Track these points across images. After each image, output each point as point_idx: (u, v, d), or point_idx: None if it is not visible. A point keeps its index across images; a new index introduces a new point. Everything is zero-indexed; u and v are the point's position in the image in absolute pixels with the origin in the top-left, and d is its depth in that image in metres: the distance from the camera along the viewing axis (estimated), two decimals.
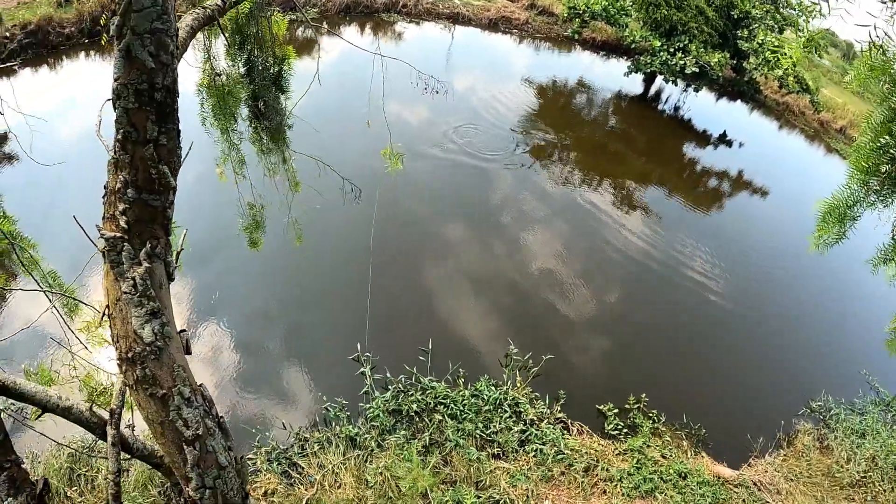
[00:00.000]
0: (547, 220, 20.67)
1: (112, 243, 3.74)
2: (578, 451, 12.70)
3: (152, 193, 3.71)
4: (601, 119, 31.78)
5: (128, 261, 3.78)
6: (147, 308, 3.88)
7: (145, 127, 3.50)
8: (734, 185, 27.84)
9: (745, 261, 21.60)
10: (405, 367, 13.61)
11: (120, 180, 3.62)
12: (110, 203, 3.75)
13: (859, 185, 5.73)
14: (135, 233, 3.78)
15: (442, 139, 23.60)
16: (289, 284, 15.71)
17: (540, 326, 16.15)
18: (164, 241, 3.97)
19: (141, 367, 3.98)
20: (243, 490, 4.90)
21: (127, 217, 3.70)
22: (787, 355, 17.59)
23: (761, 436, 14.31)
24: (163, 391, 4.08)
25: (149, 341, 3.92)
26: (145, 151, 3.55)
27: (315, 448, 11.60)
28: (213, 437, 4.47)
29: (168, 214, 3.93)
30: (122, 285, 3.81)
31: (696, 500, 12.33)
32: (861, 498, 13.30)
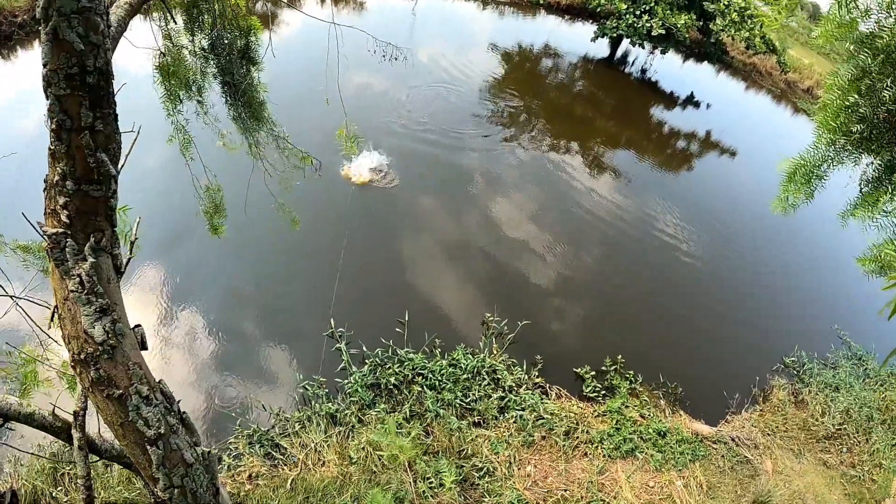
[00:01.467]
0: (517, 186, 20.63)
1: (55, 240, 3.53)
2: (558, 414, 12.82)
3: (92, 183, 3.49)
4: (568, 83, 31.69)
5: (72, 257, 3.58)
6: (96, 305, 3.68)
7: (79, 114, 3.28)
8: (702, 147, 28.03)
9: (715, 221, 21.81)
10: (381, 341, 13.55)
11: (58, 172, 3.42)
12: (50, 197, 3.53)
13: (827, 144, 5.74)
14: (77, 227, 3.57)
15: (399, 112, 23.26)
16: (259, 263, 15.51)
17: (514, 293, 16.19)
18: (109, 232, 3.74)
19: (95, 367, 3.79)
20: (214, 485, 4.71)
21: (68, 210, 3.50)
22: (759, 313, 17.89)
23: (737, 392, 14.61)
24: (119, 391, 3.89)
25: (100, 340, 3.72)
26: (81, 139, 3.34)
27: (296, 428, 11.57)
28: (177, 435, 4.29)
29: (111, 204, 3.69)
30: (69, 283, 3.61)
31: (675, 457, 12.56)
32: (837, 450, 13.66)
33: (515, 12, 38.55)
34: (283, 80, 19.33)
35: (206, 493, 4.59)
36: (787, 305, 18.59)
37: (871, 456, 13.44)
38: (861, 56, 5.06)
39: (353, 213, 17.02)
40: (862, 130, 5.31)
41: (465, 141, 22.35)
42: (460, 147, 21.89)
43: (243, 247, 15.65)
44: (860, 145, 5.47)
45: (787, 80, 39.24)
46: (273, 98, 9.21)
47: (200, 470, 4.50)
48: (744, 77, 38.93)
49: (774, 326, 17.40)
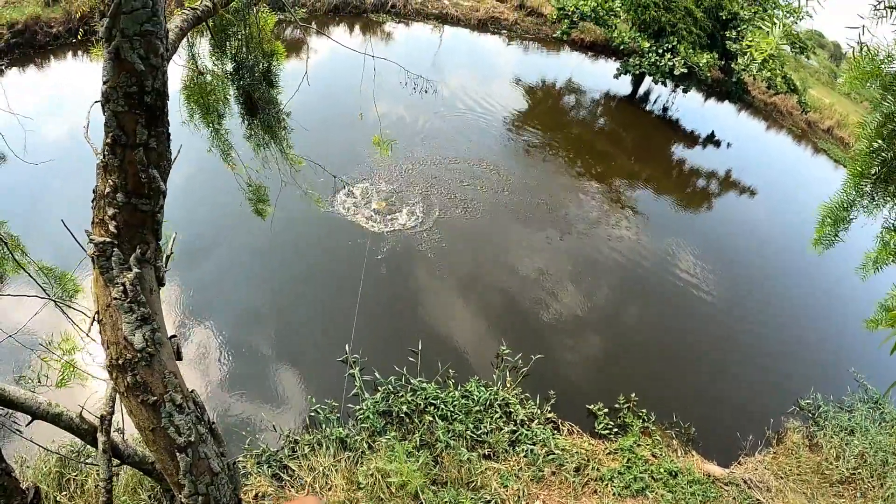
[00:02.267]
0: (535, 220, 20.65)
1: (101, 248, 3.65)
2: (569, 450, 12.71)
3: (142, 198, 3.64)
4: (590, 120, 31.88)
5: (117, 266, 3.70)
6: (137, 314, 3.80)
7: (135, 130, 3.43)
8: (722, 185, 28.00)
9: (733, 260, 21.72)
10: (395, 368, 13.56)
11: (109, 184, 3.55)
12: (99, 207, 3.67)
13: (854, 188, 5.80)
14: (124, 237, 3.70)
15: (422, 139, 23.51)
16: (277, 285, 15.61)
17: (528, 327, 16.16)
18: (153, 245, 3.90)
19: (132, 373, 3.90)
20: (236, 496, 4.79)
21: (116, 221, 3.63)
22: (775, 354, 17.70)
23: (751, 434, 14.40)
24: (154, 398, 4.00)
25: (139, 347, 3.84)
26: (135, 155, 3.48)
27: (305, 450, 11.55)
28: (206, 444, 4.38)
29: (158, 219, 3.86)
30: (112, 291, 3.73)
31: (686, 498, 12.38)
32: (850, 494, 13.40)
33: (540, 48, 38.92)
34: (311, 104, 19.61)
35: (229, 503, 4.67)
36: (804, 347, 18.41)
37: (885, 501, 13.16)
38: (885, 103, 5.10)
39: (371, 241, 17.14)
40: (880, 172, 5.36)
41: (483, 169, 22.47)
42: (477, 176, 22.01)
43: (262, 268, 15.79)
44: (878, 187, 5.52)
45: (807, 120, 39.24)
46: (302, 121, 9.37)
47: (225, 480, 4.62)
48: (764, 116, 38.95)
49: (791, 368, 17.21)
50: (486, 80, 31.93)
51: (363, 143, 21.30)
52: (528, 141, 26.22)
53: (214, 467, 4.41)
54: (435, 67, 29.29)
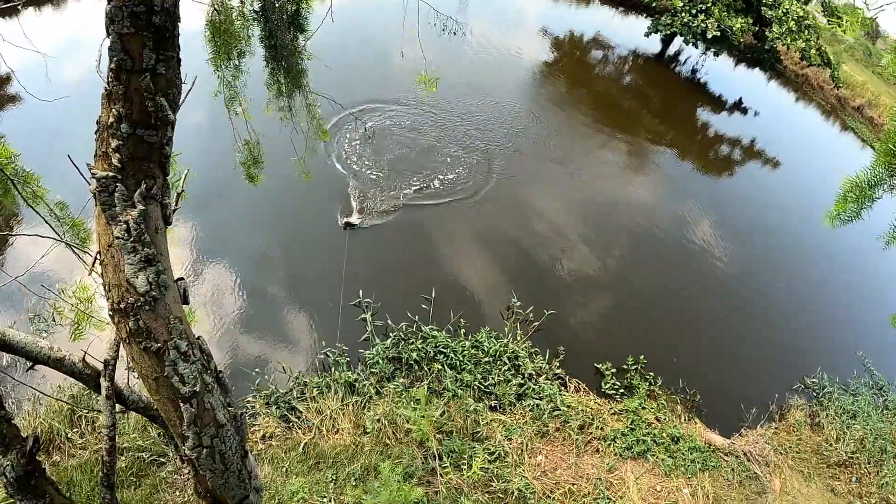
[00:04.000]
0: (556, 174, 20.43)
1: (104, 184, 3.34)
2: (574, 408, 12.78)
3: (148, 128, 3.30)
4: (616, 76, 31.26)
5: (121, 203, 3.39)
6: (141, 255, 3.50)
7: (141, 55, 3.08)
8: (746, 154, 27.51)
9: (750, 231, 21.45)
10: (407, 315, 13.58)
11: (113, 114, 3.22)
12: (102, 139, 3.33)
13: (884, 167, 5.63)
14: (129, 172, 3.38)
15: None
16: (292, 227, 15.58)
17: (542, 282, 16.10)
18: (161, 181, 3.57)
19: (134, 318, 3.62)
20: (242, 448, 4.59)
21: (120, 154, 3.30)
22: (786, 329, 17.59)
23: (755, 407, 14.40)
24: (157, 345, 3.73)
25: (143, 291, 3.55)
26: (141, 81, 3.14)
27: (314, 393, 11.66)
28: (212, 394, 4.15)
29: (166, 152, 3.52)
30: (115, 230, 3.42)
31: (686, 464, 12.47)
32: (846, 478, 13.45)
33: (569, 0, 38.00)
34: (335, 43, 19.25)
35: (234, 456, 4.49)
36: (814, 325, 18.29)
37: (879, 489, 13.22)
38: None
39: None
40: None
41: (508, 116, 22.16)
42: (502, 123, 21.71)
43: (276, 212, 15.76)
44: None
45: (838, 96, 38.37)
46: (326, 61, 9.14)
47: (231, 432, 4.36)
48: (795, 88, 38.12)
49: (800, 345, 17.11)
50: (512, 28, 31.25)
51: (388, 81, 21.09)
52: (552, 93, 25.79)
53: (220, 418, 4.22)
54: (461, 13, 28.61)
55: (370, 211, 15.91)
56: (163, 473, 9.89)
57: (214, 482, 4.54)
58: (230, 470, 4.51)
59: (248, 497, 4.93)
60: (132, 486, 9.64)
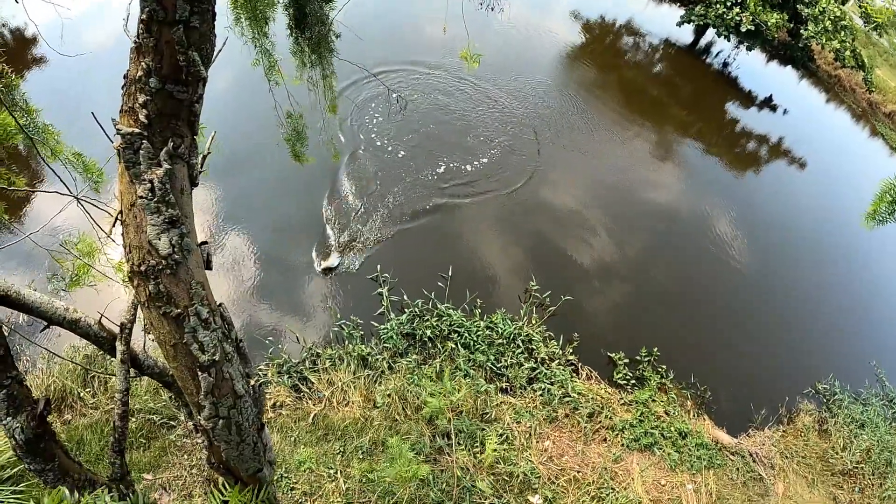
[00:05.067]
0: (579, 160, 20.23)
1: (129, 140, 3.19)
2: (585, 395, 12.76)
3: (178, 84, 3.13)
4: (646, 64, 30.81)
5: (146, 161, 3.23)
6: (165, 216, 3.36)
7: (175, 5, 2.91)
8: (772, 152, 27.07)
9: (771, 231, 21.15)
10: (423, 292, 13.57)
11: (142, 67, 3.05)
12: (129, 94, 3.18)
13: None
14: (156, 129, 3.23)
15: None
16: (312, 200, 15.55)
17: (559, 268, 16.02)
18: (188, 140, 3.42)
19: (154, 282, 3.49)
20: (259, 420, 4.54)
21: (147, 110, 3.14)
22: (801, 332, 17.47)
23: (764, 408, 14.35)
24: (178, 310, 3.60)
25: (165, 254, 3.42)
26: (173, 34, 2.97)
27: (326, 364, 11.72)
28: (231, 363, 4.05)
29: (195, 110, 3.37)
30: (138, 189, 3.28)
31: (691, 460, 12.44)
32: (849, 487, 13.36)
33: None
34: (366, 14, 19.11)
35: (251, 428, 4.46)
36: (830, 331, 18.05)
37: (881, 501, 13.11)
38: None
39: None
40: None
41: (534, 103, 21.94)
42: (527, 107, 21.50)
43: (297, 181, 15.64)
44: None
45: (869, 100, 37.58)
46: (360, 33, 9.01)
47: (249, 403, 4.33)
48: (826, 88, 37.33)
49: (813, 350, 16.96)
50: (544, 8, 30.84)
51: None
52: (580, 77, 25.47)
53: (238, 389, 4.14)
54: None
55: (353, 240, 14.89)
56: (172, 436, 9.96)
57: (229, 454, 4.50)
58: (245, 442, 4.46)
59: (262, 470, 4.88)
60: (141, 447, 9.72)
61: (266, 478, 4.94)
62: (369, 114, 18.12)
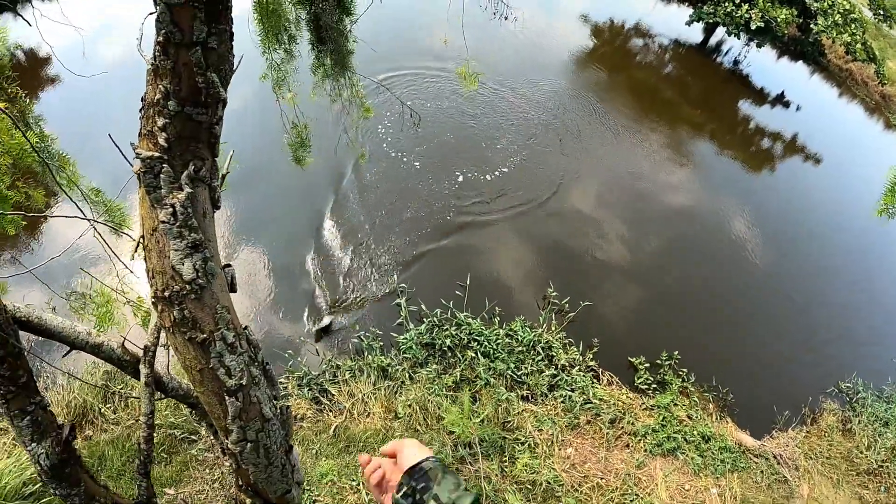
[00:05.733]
0: (589, 163, 20.15)
1: (149, 164, 3.11)
2: (606, 401, 12.67)
3: (198, 106, 3.05)
4: (657, 65, 30.72)
5: (167, 185, 3.16)
6: (188, 240, 3.29)
7: (192, 27, 2.82)
8: (786, 149, 26.87)
9: (791, 228, 20.94)
10: (441, 301, 13.55)
11: (160, 90, 2.96)
12: (148, 117, 3.08)
13: None
14: (176, 152, 3.14)
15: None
16: (328, 211, 15.57)
17: (577, 272, 15.93)
18: (209, 162, 3.33)
19: (179, 307, 3.42)
20: (287, 442, 4.49)
21: (167, 133, 3.06)
22: (823, 331, 17.21)
23: (787, 409, 14.14)
24: (203, 335, 3.54)
25: (189, 279, 3.35)
26: (191, 56, 2.89)
27: (346, 376, 11.71)
28: (258, 387, 3.99)
29: (215, 131, 3.28)
30: (160, 213, 3.21)
31: (715, 464, 12.31)
32: (875, 487, 13.15)
33: None
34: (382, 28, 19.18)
35: (279, 451, 4.39)
36: (852, 330, 17.78)
37: None
38: None
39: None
40: None
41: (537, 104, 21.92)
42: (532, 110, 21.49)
43: (314, 194, 15.74)
44: None
45: (882, 93, 37.18)
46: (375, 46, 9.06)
47: (277, 426, 4.23)
48: (838, 83, 36.97)
49: (836, 348, 16.70)
50: (552, 13, 30.84)
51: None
52: (589, 79, 25.41)
53: (266, 413, 4.07)
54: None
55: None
56: (193, 451, 9.97)
57: (257, 476, 4.42)
58: (273, 465, 4.40)
59: (291, 491, 4.85)
60: (163, 462, 9.74)
61: (294, 499, 4.90)
62: (383, 124, 18.11)
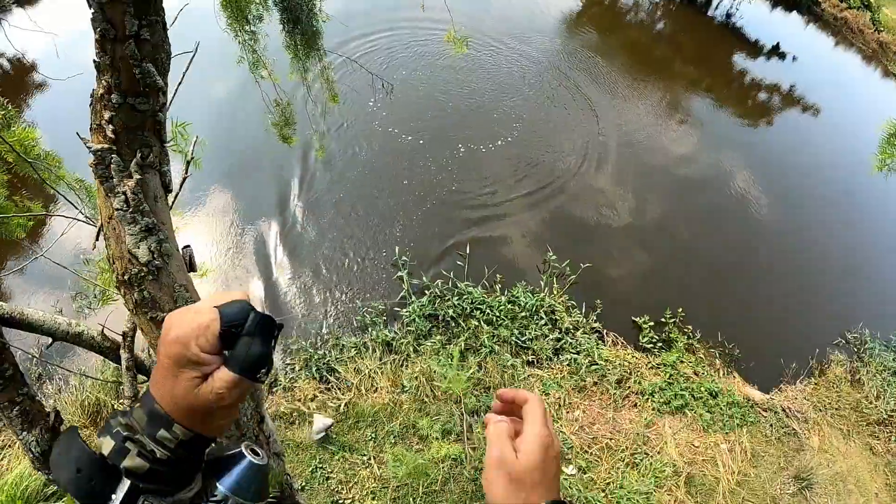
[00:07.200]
0: (587, 124, 19.95)
1: (100, 156, 3.26)
2: (612, 362, 12.67)
3: (139, 96, 3.17)
4: (648, 23, 30.40)
5: (117, 174, 3.32)
6: (141, 224, 3.44)
7: (123, 22, 2.93)
8: (784, 101, 26.63)
9: (791, 181, 20.82)
10: (442, 272, 13.54)
11: (103, 85, 3.12)
12: (96, 112, 3.24)
13: None
14: (124, 143, 3.29)
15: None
16: (326, 188, 15.52)
17: (578, 234, 15.87)
18: (157, 148, 3.46)
19: (139, 289, 3.59)
20: (259, 413, 4.61)
21: (114, 125, 3.21)
22: (827, 282, 17.21)
23: (794, 361, 14.14)
24: (163, 314, 3.60)
25: (145, 261, 3.51)
26: (125, 49, 3.01)
27: (352, 353, 11.72)
28: None
29: (160, 118, 3.41)
30: (114, 201, 3.36)
31: (724, 420, 12.35)
32: (885, 437, 13.20)
33: None
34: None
35: (251, 422, 4.53)
36: (857, 280, 17.72)
37: None
38: None
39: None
40: None
41: (535, 67, 21.71)
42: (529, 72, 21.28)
43: (312, 174, 15.69)
44: None
45: (879, 41, 36.81)
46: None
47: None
48: (834, 32, 36.60)
49: (841, 298, 16.71)
50: None
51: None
52: (580, 41, 25.13)
53: None
54: None
55: None
56: None
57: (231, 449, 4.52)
58: (245, 436, 4.53)
59: (268, 463, 4.92)
60: None
61: (275, 469, 5.03)
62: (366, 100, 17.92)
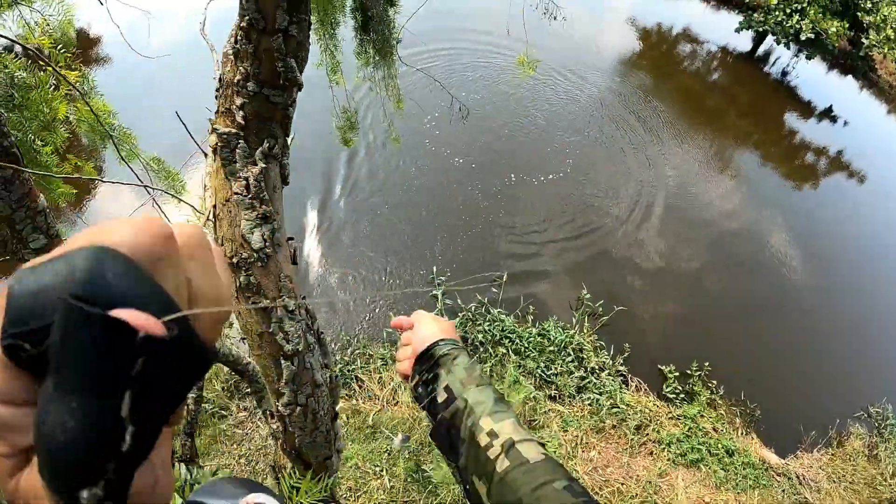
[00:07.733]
0: (640, 170, 20.04)
1: (226, 139, 3.36)
2: (633, 407, 12.67)
3: (275, 88, 3.26)
4: (704, 72, 30.38)
5: (241, 159, 3.39)
6: (258, 212, 3.53)
7: (274, 15, 3.00)
8: (832, 165, 26.38)
9: (831, 247, 20.66)
10: (476, 296, 13.64)
11: (240, 72, 3.18)
12: (226, 96, 3.31)
13: None
14: (251, 130, 3.39)
15: None
16: (367, 195, 15.77)
17: (613, 275, 15.94)
18: (281, 140, 3.58)
19: (246, 273, 3.68)
20: (333, 410, 4.75)
21: (244, 112, 3.28)
22: (856, 354, 16.94)
23: (814, 429, 14.00)
24: (266, 301, 3.83)
25: (257, 247, 3.59)
26: (273, 42, 3.08)
27: (378, 364, 11.85)
28: (312, 354, 4.24)
29: (289, 113, 3.51)
30: (234, 185, 3.44)
31: (738, 479, 12.26)
32: None
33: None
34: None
35: (326, 417, 4.65)
36: (885, 355, 17.43)
37: None
38: None
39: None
40: None
41: (586, 110, 21.85)
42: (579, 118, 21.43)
43: (365, 187, 15.96)
44: None
45: None
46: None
47: (326, 393, 4.52)
48: (888, 99, 36.09)
49: (869, 371, 16.47)
50: (597, 15, 30.68)
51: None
52: (635, 83, 25.22)
53: (318, 379, 4.32)
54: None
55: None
56: (223, 426, 10.20)
57: (302, 440, 4.71)
58: (319, 430, 4.67)
59: (331, 457, 5.11)
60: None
61: (334, 465, 5.16)
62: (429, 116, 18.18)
